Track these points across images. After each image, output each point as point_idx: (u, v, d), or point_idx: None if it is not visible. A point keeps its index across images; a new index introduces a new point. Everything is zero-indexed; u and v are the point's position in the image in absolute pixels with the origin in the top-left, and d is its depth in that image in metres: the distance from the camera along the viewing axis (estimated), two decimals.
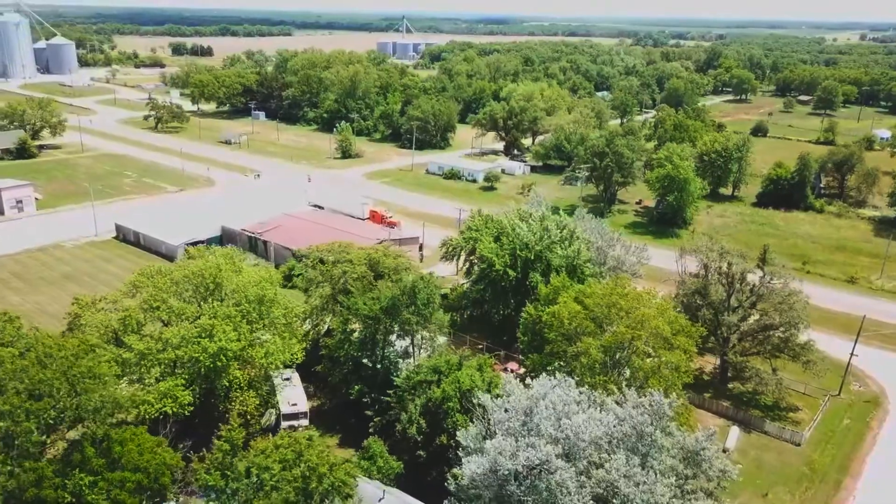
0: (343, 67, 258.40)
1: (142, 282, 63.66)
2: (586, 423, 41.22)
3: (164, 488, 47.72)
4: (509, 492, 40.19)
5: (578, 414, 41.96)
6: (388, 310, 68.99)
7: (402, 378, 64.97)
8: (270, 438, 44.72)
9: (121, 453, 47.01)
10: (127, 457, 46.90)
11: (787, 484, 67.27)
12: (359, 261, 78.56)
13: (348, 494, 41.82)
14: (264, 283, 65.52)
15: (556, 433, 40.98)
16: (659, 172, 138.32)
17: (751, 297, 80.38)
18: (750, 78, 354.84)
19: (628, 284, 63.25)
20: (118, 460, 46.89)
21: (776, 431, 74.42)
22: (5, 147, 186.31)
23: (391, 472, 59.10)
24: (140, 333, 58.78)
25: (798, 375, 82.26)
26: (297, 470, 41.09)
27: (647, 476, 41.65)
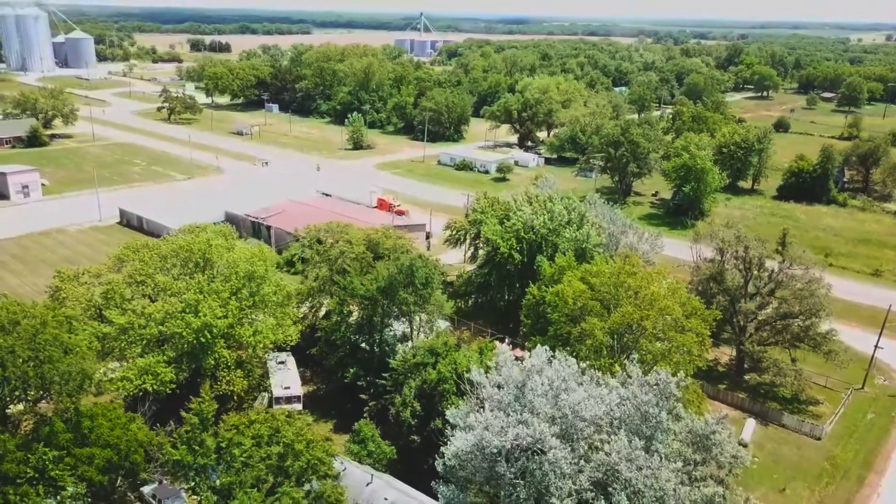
0: (357, 59, 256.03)
1: (127, 255, 61.06)
2: (585, 400, 37.75)
3: (137, 466, 44.85)
4: (500, 473, 36.82)
5: (577, 391, 38.49)
6: (386, 290, 65.89)
7: (398, 360, 61.83)
8: (246, 414, 41.75)
9: (90, 428, 44.22)
10: (97, 432, 44.09)
11: (805, 479, 63.29)
12: (357, 241, 75.56)
13: (326, 474, 38.68)
14: (255, 260, 62.65)
15: (552, 411, 37.57)
16: (675, 162, 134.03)
17: (769, 284, 76.27)
18: (772, 74, 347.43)
19: (638, 263, 59.48)
20: (87, 436, 44.08)
21: (795, 425, 70.34)
22: (17, 135, 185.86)
23: (383, 456, 56.00)
24: (122, 308, 56.06)
25: (819, 368, 78.10)
26: (272, 448, 38.04)
27: (651, 460, 38.14)
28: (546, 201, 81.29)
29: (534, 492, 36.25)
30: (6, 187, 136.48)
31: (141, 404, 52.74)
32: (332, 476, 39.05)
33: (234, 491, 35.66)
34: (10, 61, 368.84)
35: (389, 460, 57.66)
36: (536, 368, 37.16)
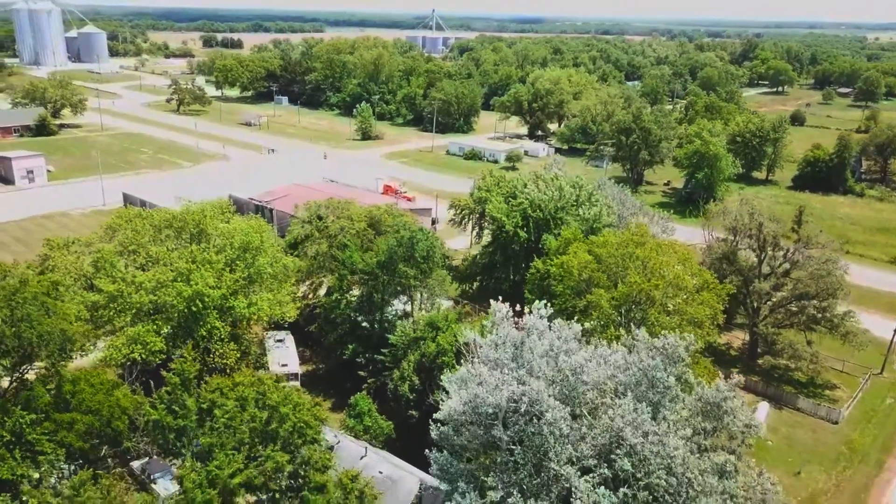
0: (367, 51, 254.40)
1: (119, 224, 59.35)
2: (588, 362, 35.49)
3: (120, 434, 43.00)
4: (496, 438, 34.62)
5: (578, 353, 36.24)
6: (385, 265, 63.85)
7: (397, 335, 59.75)
8: (231, 377, 39.81)
9: (72, 393, 42.40)
10: (79, 397, 42.25)
11: (822, 463, 60.68)
12: (359, 218, 73.53)
13: (314, 439, 36.63)
14: (251, 231, 60.78)
15: (552, 373, 35.32)
16: (688, 149, 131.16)
17: (784, 264, 73.62)
18: (787, 69, 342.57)
19: (646, 233, 57.06)
20: (69, 401, 42.28)
21: (811, 408, 67.68)
22: (25, 124, 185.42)
23: (380, 432, 54.02)
24: (112, 276, 54.29)
25: (836, 352, 75.39)
26: (256, 410, 36.03)
27: (659, 427, 35.79)
28: (554, 179, 78.91)
29: (532, 457, 34.02)
30: (11, 172, 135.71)
31: (128, 374, 50.88)
32: (319, 441, 36.96)
33: (215, 452, 33.68)
34: (24, 56, 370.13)
35: (387, 438, 55.68)
36: (536, 328, 34.89)
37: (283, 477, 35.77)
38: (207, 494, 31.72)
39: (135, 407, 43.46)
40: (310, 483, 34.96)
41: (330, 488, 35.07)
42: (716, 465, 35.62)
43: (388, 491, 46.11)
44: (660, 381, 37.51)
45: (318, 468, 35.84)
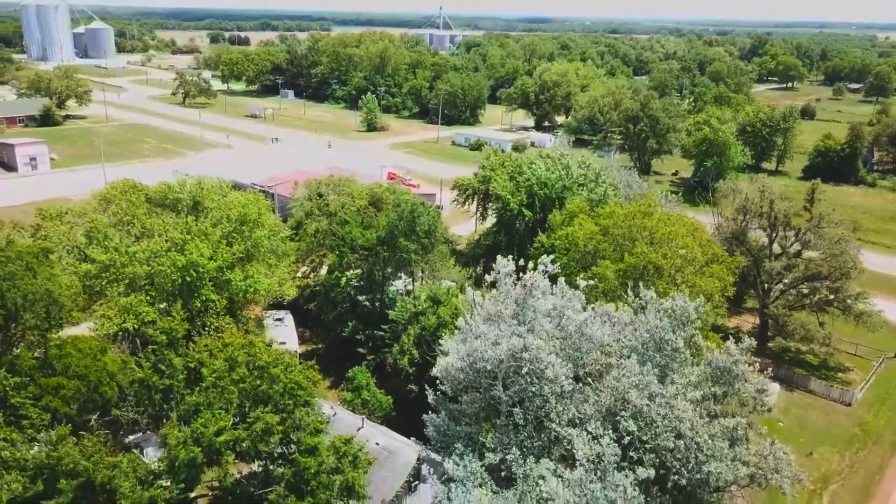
0: (373, 44, 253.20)
1: (113, 196, 57.99)
2: (592, 321, 33.85)
3: (108, 402, 41.52)
4: (495, 399, 33.04)
5: (583, 313, 34.63)
6: (386, 240, 62.37)
7: (398, 310, 58.28)
8: (220, 338, 38.36)
9: (57, 357, 40.98)
10: (65, 361, 40.82)
11: (835, 444, 58.86)
12: (359, 195, 72.11)
13: (306, 402, 35.12)
14: (248, 204, 59.36)
15: (555, 332, 33.69)
16: (696, 136, 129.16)
17: (795, 244, 71.75)
18: (797, 65, 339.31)
19: (654, 203, 55.36)
20: (55, 365, 40.87)
21: (823, 390, 65.84)
22: (30, 114, 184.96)
23: (378, 407, 52.57)
24: (105, 246, 52.94)
25: (849, 335, 73.58)
26: (246, 371, 34.55)
27: (666, 389, 34.16)
28: (561, 157, 77.22)
29: (532, 418, 32.41)
30: (14, 159, 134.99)
31: (118, 345, 49.44)
32: (311, 404, 35.46)
33: (201, 411, 32.22)
34: (31, 51, 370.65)
35: (386, 416, 54.21)
36: (538, 286, 33.25)
37: (274, 442, 34.26)
38: (191, 452, 30.28)
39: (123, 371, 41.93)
40: (301, 446, 33.44)
41: (322, 451, 33.56)
42: (726, 429, 33.99)
43: (385, 461, 44.71)
44: (667, 344, 35.90)
45: (311, 431, 34.33)
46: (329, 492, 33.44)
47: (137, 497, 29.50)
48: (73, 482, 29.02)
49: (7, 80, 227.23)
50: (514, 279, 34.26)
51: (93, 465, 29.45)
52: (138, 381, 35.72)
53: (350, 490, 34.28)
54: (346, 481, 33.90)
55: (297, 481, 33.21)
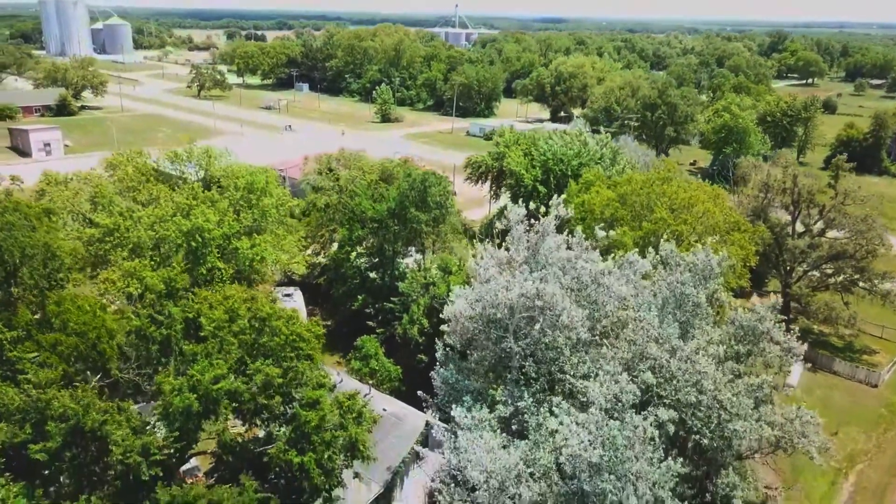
0: (388, 36, 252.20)
1: (120, 162, 56.93)
2: (610, 272, 32.12)
3: (107, 360, 40.14)
4: (506, 350, 31.37)
5: (598, 263, 32.91)
6: (397, 213, 60.88)
7: (408, 282, 56.79)
8: (221, 290, 36.97)
9: (55, 313, 39.65)
10: (63, 317, 39.47)
11: (860, 424, 56.72)
12: (371, 170, 70.72)
13: (309, 356, 33.63)
14: (256, 172, 58.14)
15: (570, 282, 31.97)
16: (715, 123, 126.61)
17: (819, 221, 69.47)
18: (818, 60, 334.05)
19: (674, 169, 53.44)
20: (52, 321, 39.58)
21: (848, 371, 63.60)
22: (46, 104, 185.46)
23: (387, 376, 51.10)
24: (110, 210, 51.87)
25: (875, 318, 71.29)
26: (247, 322, 33.09)
27: (687, 345, 32.36)
28: (579, 134, 75.44)
29: (545, 370, 30.72)
30: (28, 144, 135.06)
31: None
32: (314, 358, 33.95)
33: (198, 360, 30.82)
34: (50, 47, 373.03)
35: (395, 389, 52.69)
36: (549, 231, 31.57)
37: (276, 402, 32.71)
38: (187, 399, 28.86)
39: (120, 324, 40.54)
40: (302, 401, 31.95)
41: (324, 405, 32.05)
42: (751, 387, 32.12)
43: (392, 428, 43.26)
44: (688, 299, 34.12)
45: (313, 386, 32.86)
46: (331, 449, 31.93)
47: (129, 444, 28.14)
48: (63, 426, 27.72)
49: (24, 72, 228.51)
50: (527, 227, 32.60)
51: (82, 410, 28.12)
52: (135, 332, 34.38)
53: (354, 447, 32.75)
54: (350, 437, 32.37)
55: (297, 436, 31.75)
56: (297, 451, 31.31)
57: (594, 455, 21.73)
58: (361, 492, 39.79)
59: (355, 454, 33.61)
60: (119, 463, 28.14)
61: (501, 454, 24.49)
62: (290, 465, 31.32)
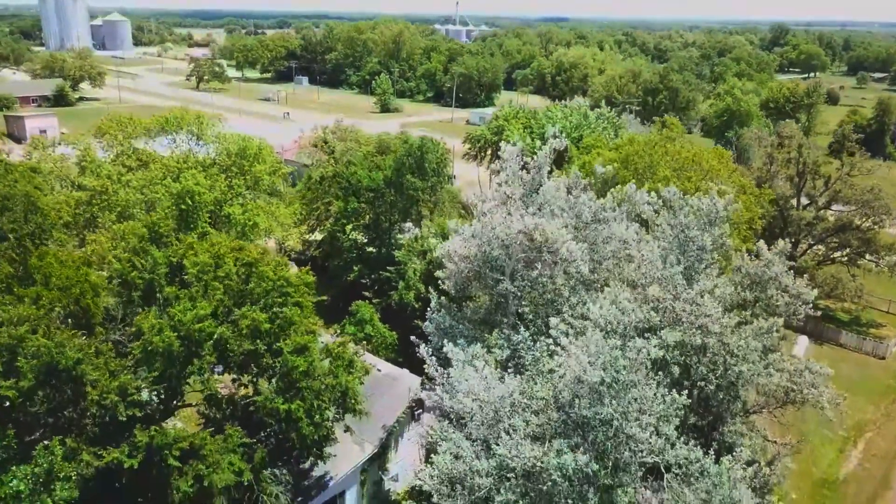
0: (387, 28, 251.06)
1: (109, 127, 55.63)
2: (610, 208, 30.78)
3: (91, 317, 38.74)
4: (503, 294, 30.01)
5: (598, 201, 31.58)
6: (393, 181, 59.56)
7: (404, 251, 55.49)
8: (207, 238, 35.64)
9: (37, 267, 38.24)
10: (44, 271, 38.05)
11: (868, 395, 55.41)
12: (367, 142, 69.42)
13: (298, 302, 32.23)
14: (248, 138, 56.87)
15: (570, 220, 30.62)
16: (717, 106, 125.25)
17: (826, 193, 68.13)
18: (820, 53, 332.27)
19: (678, 126, 52.07)
20: (33, 276, 38.20)
21: (855, 343, 62.31)
22: (44, 94, 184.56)
23: (382, 342, 49.86)
24: (98, 174, 50.61)
25: (881, 293, 69.99)
26: (233, 267, 31.68)
27: (691, 288, 30.99)
28: (580, 108, 74.16)
29: (543, 312, 29.36)
30: (24, 131, 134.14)
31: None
32: (303, 305, 32.54)
33: (180, 300, 29.45)
34: (49, 43, 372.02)
35: (390, 358, 51.37)
36: (546, 164, 30.21)
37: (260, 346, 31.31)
38: (167, 339, 27.48)
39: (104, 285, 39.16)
40: (290, 347, 30.54)
41: (313, 351, 30.68)
42: (760, 330, 30.72)
43: (387, 389, 42.05)
44: (693, 243, 32.72)
45: (302, 332, 31.45)
46: (321, 398, 30.55)
47: (105, 385, 26.78)
48: (35, 362, 26.35)
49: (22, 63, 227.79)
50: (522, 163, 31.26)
51: (56, 347, 26.76)
52: (117, 278, 32.99)
53: (344, 396, 31.37)
54: (340, 386, 30.99)
55: (284, 385, 30.37)
56: (284, 399, 29.93)
57: (594, 375, 20.35)
58: (354, 452, 38.50)
59: (346, 406, 32.26)
60: (95, 404, 26.79)
61: (495, 384, 23.14)
62: (276, 414, 29.90)
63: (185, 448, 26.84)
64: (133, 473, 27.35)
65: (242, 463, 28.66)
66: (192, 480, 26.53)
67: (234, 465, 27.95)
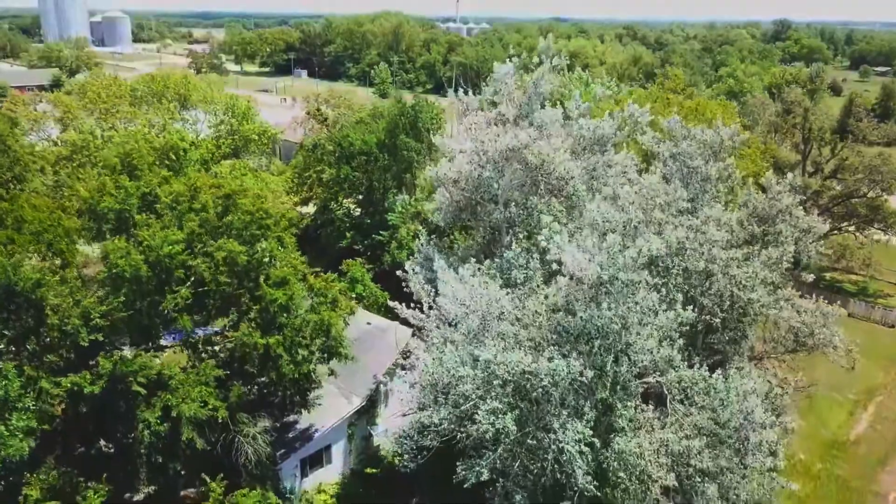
0: (386, 19, 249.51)
1: (93, 86, 53.90)
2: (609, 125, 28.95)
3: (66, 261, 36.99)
4: (496, 225, 28.20)
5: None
6: (386, 145, 57.74)
7: (397, 213, 53.66)
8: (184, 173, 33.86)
9: (8, 210, 36.51)
10: (17, 213, 36.30)
11: (878, 361, 53.44)
12: (360, 108, 67.64)
13: (279, 237, 30.45)
14: (236, 97, 55.15)
15: (567, 144, 28.78)
16: (719, 88, 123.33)
17: (832, 161, 66.26)
18: (822, 48, 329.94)
19: (680, 78, 50.24)
20: (4, 219, 36.43)
21: (863, 311, 60.34)
22: (40, 84, 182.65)
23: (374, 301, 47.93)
24: (79, 130, 48.89)
25: (889, 263, 68.06)
26: (210, 199, 29.89)
27: (694, 216, 29.17)
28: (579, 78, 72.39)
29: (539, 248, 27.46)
30: None
31: None
32: (284, 241, 30.75)
33: (151, 227, 27.62)
34: (48, 40, 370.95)
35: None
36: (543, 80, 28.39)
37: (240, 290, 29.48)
38: (134, 262, 25.68)
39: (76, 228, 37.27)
40: (269, 280, 28.76)
41: (294, 285, 28.88)
42: (768, 259, 28.90)
43: (377, 340, 40.37)
44: (697, 173, 30.89)
45: (282, 267, 29.67)
46: (301, 334, 28.75)
47: (67, 309, 25.03)
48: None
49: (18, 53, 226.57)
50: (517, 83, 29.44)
51: (11, 266, 24.99)
52: (87, 211, 31.19)
53: (327, 334, 29.52)
54: (322, 322, 29.16)
55: (263, 320, 28.57)
56: (263, 334, 28.12)
57: (590, 269, 18.49)
58: (342, 405, 36.69)
59: (330, 348, 30.45)
60: (56, 330, 25.01)
61: (483, 292, 21.26)
62: (255, 350, 28.02)
63: (152, 377, 25.02)
64: (98, 407, 25.57)
65: (217, 400, 26.83)
66: (159, 412, 24.66)
67: (206, 401, 26.10)
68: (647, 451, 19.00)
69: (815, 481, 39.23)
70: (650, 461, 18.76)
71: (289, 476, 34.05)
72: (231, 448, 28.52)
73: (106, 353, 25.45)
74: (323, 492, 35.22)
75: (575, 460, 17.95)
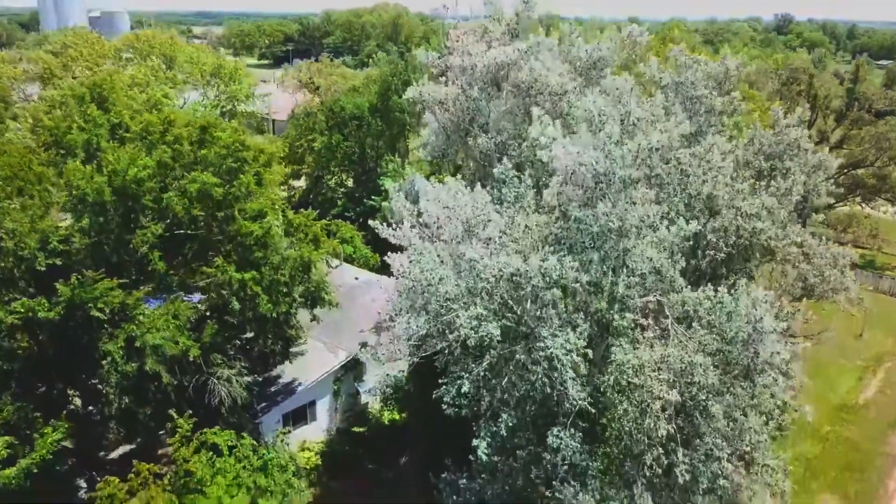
0: (385, 11, 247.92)
1: (75, 43, 52.21)
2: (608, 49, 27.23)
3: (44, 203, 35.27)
4: (487, 151, 26.45)
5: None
6: (379, 108, 56.07)
7: (389, 175, 51.98)
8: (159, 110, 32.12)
9: None
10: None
11: (888, 330, 51.78)
12: (353, 77, 65.92)
13: (257, 173, 28.68)
14: (223, 57, 53.47)
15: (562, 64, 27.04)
16: None
17: (837, 129, 64.52)
18: (824, 41, 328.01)
19: (681, 31, 48.42)
20: None
21: (871, 281, 58.59)
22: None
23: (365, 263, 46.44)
24: (59, 86, 47.16)
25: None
26: (183, 131, 28.14)
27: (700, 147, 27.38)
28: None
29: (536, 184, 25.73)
30: None
31: None
32: (262, 179, 28.96)
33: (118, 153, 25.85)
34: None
35: None
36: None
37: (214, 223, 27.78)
38: (97, 185, 23.95)
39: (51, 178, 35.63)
40: (245, 213, 27.03)
41: (271, 219, 27.17)
42: (776, 190, 27.14)
43: (363, 293, 38.90)
44: (701, 103, 29.13)
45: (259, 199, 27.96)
46: (280, 272, 27.01)
47: (23, 234, 23.30)
48: None
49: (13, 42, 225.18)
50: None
51: None
52: (52, 144, 29.47)
53: (307, 271, 27.80)
54: (301, 259, 27.44)
55: (239, 255, 26.86)
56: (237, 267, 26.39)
57: (586, 160, 16.75)
58: (328, 360, 35.01)
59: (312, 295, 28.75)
60: (11, 255, 23.29)
61: (467, 196, 19.53)
62: (230, 287, 26.26)
63: (114, 306, 23.26)
64: (57, 339, 23.84)
65: (189, 340, 25.06)
66: (122, 343, 22.90)
67: (177, 340, 24.30)
68: (646, 367, 17.26)
69: (823, 443, 37.52)
70: (650, 376, 17.03)
71: (270, 431, 32.35)
72: (205, 392, 26.81)
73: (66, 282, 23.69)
74: (307, 449, 33.51)
75: (566, 370, 16.23)
